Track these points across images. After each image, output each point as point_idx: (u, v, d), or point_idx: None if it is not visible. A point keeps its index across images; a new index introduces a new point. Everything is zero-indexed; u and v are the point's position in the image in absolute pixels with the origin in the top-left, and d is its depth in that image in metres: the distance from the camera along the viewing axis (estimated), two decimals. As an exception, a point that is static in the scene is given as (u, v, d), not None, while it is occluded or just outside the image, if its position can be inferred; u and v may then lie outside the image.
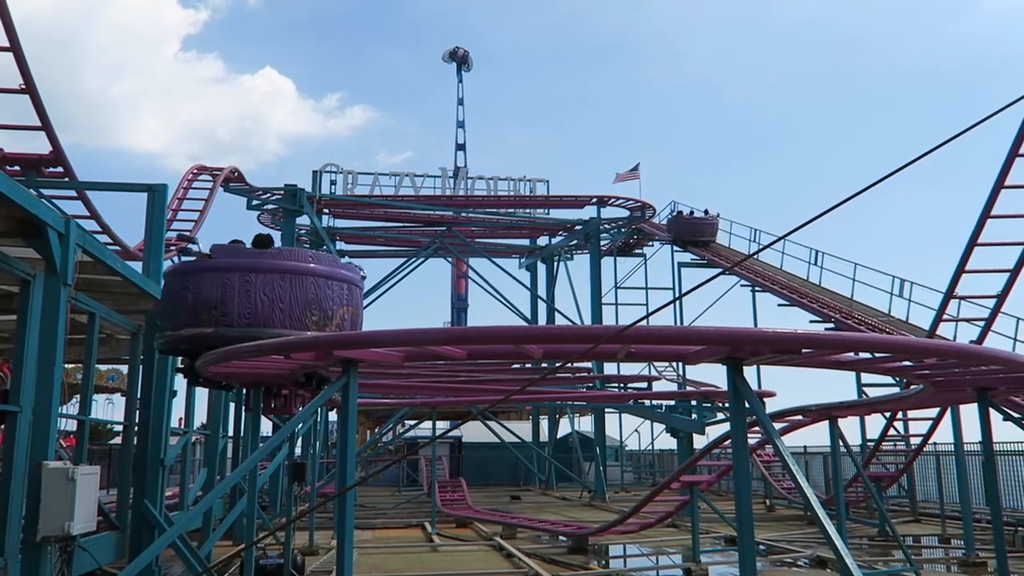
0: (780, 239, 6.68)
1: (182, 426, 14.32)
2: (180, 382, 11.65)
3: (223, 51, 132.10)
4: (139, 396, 10.59)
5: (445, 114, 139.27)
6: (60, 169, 13.07)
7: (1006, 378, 8.21)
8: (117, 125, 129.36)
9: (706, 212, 30.32)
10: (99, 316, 9.59)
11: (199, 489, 14.35)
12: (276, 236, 28.55)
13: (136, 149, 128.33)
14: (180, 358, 9.57)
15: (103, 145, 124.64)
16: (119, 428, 12.47)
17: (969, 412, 12.22)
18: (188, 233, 21.71)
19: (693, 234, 29.53)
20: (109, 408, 32.81)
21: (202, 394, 15.45)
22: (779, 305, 23.87)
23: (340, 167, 30.67)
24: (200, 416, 16.94)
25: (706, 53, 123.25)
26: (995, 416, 9.06)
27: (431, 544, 15.39)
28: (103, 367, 21.99)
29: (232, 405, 16.21)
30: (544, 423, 37.43)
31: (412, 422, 33.53)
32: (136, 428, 10.51)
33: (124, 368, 16.68)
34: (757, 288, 26.53)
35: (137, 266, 10.67)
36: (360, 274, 9.40)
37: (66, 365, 9.47)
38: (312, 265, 8.67)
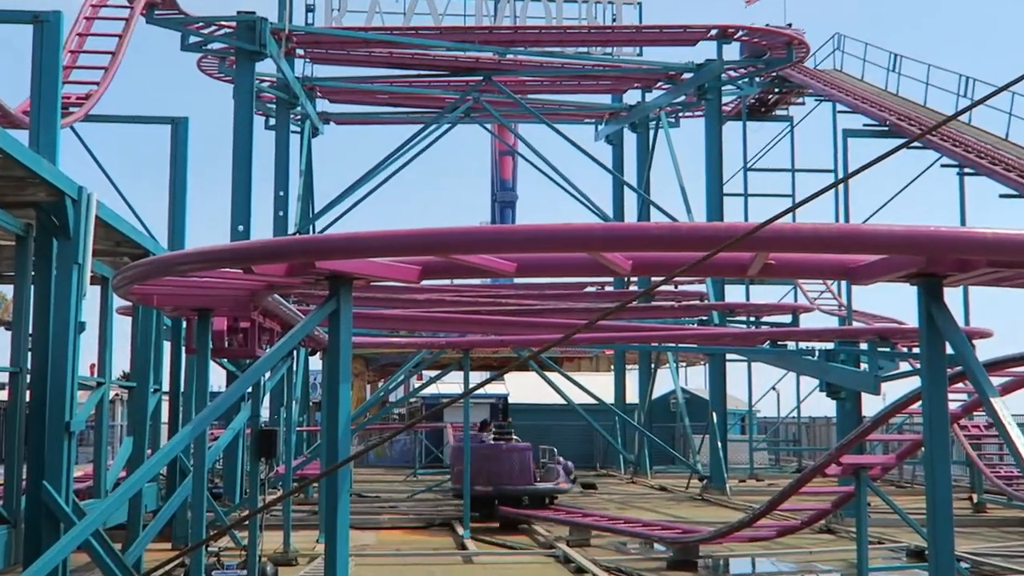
0: (1002, 89, 6.41)
1: (95, 375, 14.64)
2: (91, 310, 11.81)
3: None
4: (31, 331, 10.77)
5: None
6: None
7: None
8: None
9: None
10: (-33, 211, 9.71)
11: (122, 467, 14.76)
12: (227, 89, 28.65)
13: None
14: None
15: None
16: (3, 377, 12.78)
17: None
18: None
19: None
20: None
21: (123, 327, 15.73)
22: (1001, 196, 23.51)
23: (320, -12, 30.43)
24: (122, 361, 17.29)
25: None
26: None
27: (463, 553, 15.74)
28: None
29: (167, 345, 16.49)
30: (633, 377, 37.66)
31: (433, 373, 33.99)
32: (28, 377, 10.71)
33: (8, 289, 17.02)
34: (967, 170, 26.02)
35: (22, 136, 10.78)
36: None
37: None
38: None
